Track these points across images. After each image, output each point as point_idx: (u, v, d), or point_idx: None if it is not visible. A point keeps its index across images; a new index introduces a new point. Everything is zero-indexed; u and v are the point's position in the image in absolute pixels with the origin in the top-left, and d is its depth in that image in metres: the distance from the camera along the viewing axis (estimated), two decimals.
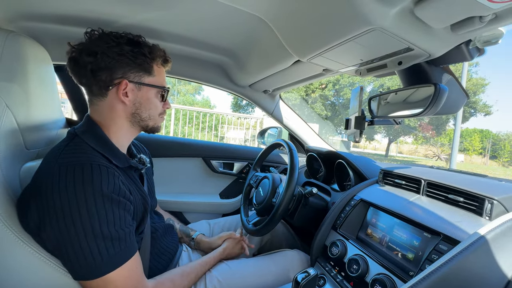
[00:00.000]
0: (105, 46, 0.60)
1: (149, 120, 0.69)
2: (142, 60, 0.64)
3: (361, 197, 0.87)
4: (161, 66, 0.70)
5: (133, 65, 0.63)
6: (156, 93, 0.69)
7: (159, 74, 0.69)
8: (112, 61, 0.60)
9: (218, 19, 0.83)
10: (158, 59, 0.68)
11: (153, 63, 0.67)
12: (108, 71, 0.61)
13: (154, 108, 0.69)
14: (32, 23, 0.87)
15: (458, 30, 0.49)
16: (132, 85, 0.64)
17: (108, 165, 0.57)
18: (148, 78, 0.66)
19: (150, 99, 0.67)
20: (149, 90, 0.67)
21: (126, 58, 0.62)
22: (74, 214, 0.49)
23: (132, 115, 0.66)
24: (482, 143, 31.56)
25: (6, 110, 0.57)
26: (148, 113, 0.68)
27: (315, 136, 1.58)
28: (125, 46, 0.62)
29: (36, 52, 0.69)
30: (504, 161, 29.21)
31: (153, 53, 0.66)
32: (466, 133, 33.37)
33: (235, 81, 1.35)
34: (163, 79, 0.71)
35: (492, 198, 0.60)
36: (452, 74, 0.69)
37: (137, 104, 0.66)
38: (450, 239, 0.58)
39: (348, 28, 0.55)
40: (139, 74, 0.65)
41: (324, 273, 0.80)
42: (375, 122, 0.86)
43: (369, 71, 0.77)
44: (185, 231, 0.99)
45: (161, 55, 0.69)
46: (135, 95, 0.65)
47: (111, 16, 0.84)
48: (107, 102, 0.64)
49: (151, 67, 0.66)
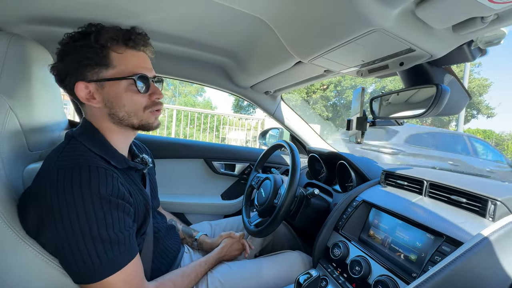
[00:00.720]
0: (61, 50, 0.56)
1: (130, 118, 0.60)
2: (91, 53, 0.55)
3: (363, 198, 0.87)
4: (125, 49, 0.58)
5: (85, 62, 0.55)
6: (127, 85, 0.58)
7: (123, 62, 0.57)
8: (66, 65, 0.56)
9: (219, 21, 0.83)
10: (113, 44, 0.56)
11: (106, 51, 0.56)
12: (68, 77, 0.57)
13: (130, 103, 0.59)
14: (35, 26, 0.88)
15: (460, 30, 0.49)
16: (94, 84, 0.57)
17: (107, 167, 0.56)
18: (107, 71, 0.56)
19: (120, 95, 0.58)
20: (114, 84, 0.57)
21: (76, 56, 0.55)
22: (72, 217, 0.49)
23: (110, 116, 0.60)
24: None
25: (10, 112, 0.58)
26: (124, 111, 0.59)
27: (316, 137, 1.58)
28: (76, 43, 0.55)
29: (39, 54, 0.69)
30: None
31: (101, 39, 0.54)
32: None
33: (236, 83, 1.35)
34: (133, 65, 0.58)
35: (495, 199, 0.60)
36: (454, 75, 0.68)
37: (109, 103, 0.58)
38: (453, 241, 0.57)
39: (350, 29, 0.55)
40: (95, 70, 0.56)
41: (326, 275, 0.80)
42: (376, 123, 0.86)
43: (370, 72, 0.77)
44: (187, 232, 0.98)
45: (114, 36, 0.56)
46: (101, 95, 0.58)
47: (113, 18, 0.84)
48: (87, 107, 0.61)
49: (105, 57, 0.56)
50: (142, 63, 0.61)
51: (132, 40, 0.58)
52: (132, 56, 0.59)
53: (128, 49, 0.59)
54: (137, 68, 0.59)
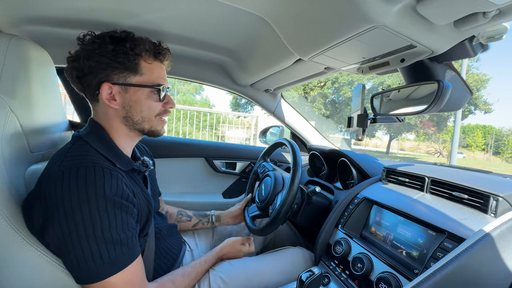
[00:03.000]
0: (88, 49, 0.58)
1: (143, 122, 0.64)
2: (123, 58, 0.59)
3: (365, 195, 0.87)
4: (154, 61, 0.63)
5: (115, 65, 0.59)
6: (149, 93, 0.63)
7: (150, 71, 0.63)
8: (93, 64, 0.58)
9: (219, 19, 0.83)
10: (146, 54, 0.61)
11: (138, 59, 0.61)
12: (91, 75, 0.58)
13: (147, 109, 0.63)
14: (34, 27, 0.87)
15: (461, 26, 0.48)
16: (118, 87, 0.60)
17: (112, 168, 0.56)
18: (135, 77, 0.61)
19: (140, 100, 0.62)
20: (138, 90, 0.62)
21: (106, 58, 0.58)
22: (77, 216, 0.49)
23: (125, 118, 0.63)
24: (485, 139, 31.46)
25: (10, 113, 0.57)
26: (140, 115, 0.63)
27: (317, 134, 1.58)
28: (108, 46, 0.58)
29: (39, 55, 0.69)
30: (508, 156, 29.05)
31: (136, 48, 0.59)
32: (469, 129, 33.21)
33: (236, 81, 1.35)
34: (157, 76, 0.64)
35: (497, 195, 0.60)
36: (455, 71, 0.68)
37: (127, 107, 0.62)
38: (455, 237, 0.57)
39: (350, 26, 0.54)
40: (124, 74, 0.60)
41: (329, 272, 0.80)
42: (377, 120, 0.86)
43: (371, 69, 0.77)
44: (200, 214, 1.04)
45: (148, 48, 0.62)
46: (123, 98, 0.61)
47: (113, 18, 0.84)
48: (101, 106, 0.63)
49: (137, 65, 0.61)
50: (163, 74, 0.66)
51: (161, 54, 0.64)
52: (157, 67, 0.65)
53: (156, 61, 0.64)
54: (159, 79, 0.64)
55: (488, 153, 30.85)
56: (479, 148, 30.80)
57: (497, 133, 31.68)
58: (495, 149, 30.81)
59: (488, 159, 29.08)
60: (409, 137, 24.56)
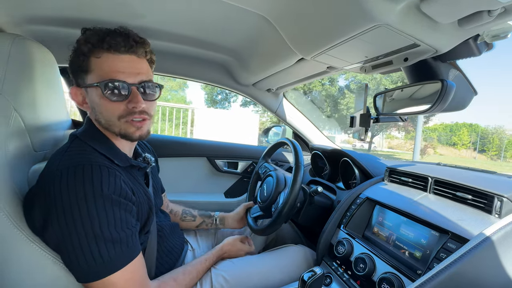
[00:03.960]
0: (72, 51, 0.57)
1: (110, 126, 0.59)
2: (75, 58, 0.56)
3: (367, 195, 0.87)
4: (103, 53, 0.54)
5: (73, 67, 0.57)
6: (100, 92, 0.55)
7: (99, 66, 0.54)
8: (70, 70, 0.58)
9: (221, 19, 0.83)
10: (93, 47, 0.54)
11: (87, 56, 0.54)
12: (71, 81, 0.60)
13: (105, 111, 0.57)
14: (38, 27, 0.88)
15: (466, 25, 0.48)
16: (82, 89, 0.59)
17: (110, 165, 0.56)
18: (86, 76, 0.57)
19: (97, 102, 0.57)
20: (93, 90, 0.57)
21: (71, 61, 0.57)
22: (75, 215, 0.49)
23: (97, 121, 0.61)
24: (471, 137, 31.49)
25: (14, 113, 0.58)
26: (103, 118, 0.58)
27: (319, 134, 1.58)
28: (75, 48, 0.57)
29: (42, 55, 0.69)
30: (492, 154, 28.99)
31: (86, 44, 0.54)
32: (456, 128, 33.10)
33: (238, 80, 1.35)
34: (107, 70, 0.54)
35: (502, 195, 0.59)
36: (459, 70, 0.67)
37: (93, 110, 0.59)
38: (459, 238, 0.57)
39: (353, 25, 0.54)
40: (80, 75, 0.57)
41: (331, 272, 0.80)
42: (380, 120, 0.85)
43: (374, 68, 0.76)
44: (205, 214, 1.03)
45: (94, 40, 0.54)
46: (89, 101, 0.59)
47: (115, 18, 0.84)
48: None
49: (85, 62, 0.55)
50: (120, 67, 0.55)
51: (106, 42, 0.53)
52: (109, 60, 0.55)
53: (107, 53, 0.54)
54: (111, 73, 0.54)
55: (471, 151, 30.77)
56: (465, 146, 30.75)
57: (483, 131, 31.61)
58: (481, 147, 30.74)
59: (474, 157, 28.96)
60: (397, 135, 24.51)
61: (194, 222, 1.01)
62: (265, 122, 15.96)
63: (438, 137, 32.28)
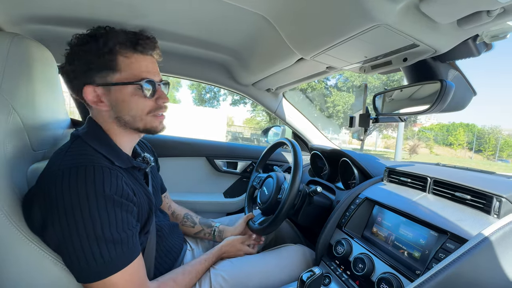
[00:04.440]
0: (71, 53, 0.57)
1: (135, 122, 0.61)
2: (99, 56, 0.55)
3: (366, 195, 0.87)
4: (133, 54, 0.57)
5: (92, 66, 0.56)
6: (133, 90, 0.58)
7: (130, 66, 0.57)
8: (76, 68, 0.56)
9: (221, 18, 0.83)
10: (121, 48, 0.56)
11: (114, 55, 0.56)
12: (77, 79, 0.58)
13: (135, 108, 0.59)
14: (36, 25, 0.88)
15: (465, 25, 0.48)
16: (101, 88, 0.57)
17: (111, 167, 0.56)
18: (114, 75, 0.56)
19: (126, 100, 0.58)
20: (121, 89, 0.57)
21: (85, 59, 0.55)
22: (77, 215, 0.49)
23: (117, 119, 0.60)
24: (467, 137, 31.52)
25: (13, 112, 0.58)
26: (129, 115, 0.60)
27: (319, 134, 1.58)
28: (86, 46, 0.56)
29: (41, 54, 0.69)
30: (489, 154, 29.02)
31: (109, 43, 0.55)
32: (453, 128, 33.10)
33: (238, 80, 1.35)
34: (139, 70, 0.58)
35: (501, 195, 0.59)
36: (458, 70, 0.67)
37: (115, 108, 0.59)
38: (458, 238, 0.57)
39: (352, 25, 0.54)
40: (102, 74, 0.56)
41: (330, 272, 0.80)
42: (380, 120, 0.85)
43: (373, 68, 0.76)
44: (206, 223, 1.00)
45: (122, 41, 0.56)
46: (108, 99, 0.58)
47: (114, 17, 0.84)
48: (94, 109, 0.62)
49: (112, 61, 0.56)
50: (149, 67, 0.60)
51: (140, 45, 0.58)
52: (139, 60, 0.58)
53: (136, 54, 0.58)
54: (143, 73, 0.59)
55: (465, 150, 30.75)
56: (461, 146, 30.76)
57: (479, 131, 31.61)
58: (477, 147, 30.75)
59: (470, 157, 28.96)
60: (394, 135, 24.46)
61: (193, 229, 0.99)
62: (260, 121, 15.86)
63: (434, 137, 32.33)
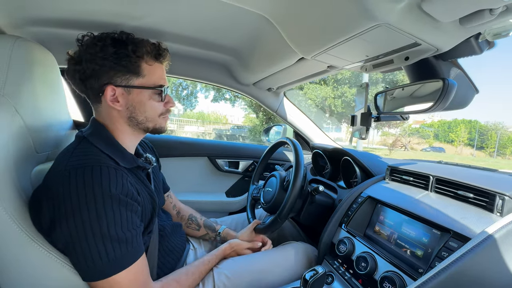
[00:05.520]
0: (90, 52, 0.58)
1: (147, 122, 0.66)
2: (126, 61, 0.60)
3: (368, 194, 0.87)
4: (154, 62, 0.64)
5: (118, 68, 0.59)
6: (151, 94, 0.64)
7: (151, 73, 0.64)
8: (96, 67, 0.58)
9: (221, 19, 0.82)
10: (147, 56, 0.62)
11: (140, 62, 0.62)
12: (94, 78, 0.59)
13: (150, 110, 0.65)
14: (38, 28, 0.88)
15: (467, 23, 0.48)
16: (121, 89, 0.61)
17: (116, 167, 0.57)
18: (137, 79, 0.62)
19: (143, 102, 0.63)
20: (140, 92, 0.63)
21: (109, 61, 0.59)
22: (84, 215, 0.50)
23: (129, 119, 0.64)
24: (470, 134, 30.93)
25: (16, 114, 0.58)
26: (144, 116, 0.64)
27: (320, 133, 1.58)
28: (110, 48, 0.59)
29: (43, 56, 0.69)
30: (491, 151, 28.59)
31: (138, 51, 0.61)
32: (455, 124, 32.60)
33: (239, 80, 1.35)
34: (158, 77, 0.65)
35: (503, 193, 0.59)
36: (460, 68, 0.67)
37: (131, 108, 0.63)
38: (461, 236, 0.57)
39: (353, 24, 0.54)
40: (126, 76, 0.61)
41: (332, 271, 0.80)
42: (381, 118, 0.85)
43: (375, 67, 0.76)
44: (210, 226, 1.00)
45: (149, 50, 0.63)
46: (126, 99, 0.62)
47: (115, 19, 0.84)
48: (103, 108, 0.64)
49: (139, 67, 0.62)
50: (163, 75, 0.67)
51: (162, 56, 0.65)
52: (157, 68, 0.65)
53: (157, 63, 0.65)
54: (160, 80, 0.65)
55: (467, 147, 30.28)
56: (463, 143, 30.29)
57: (482, 127, 31.03)
58: (480, 143, 30.26)
59: (471, 154, 28.56)
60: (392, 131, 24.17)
61: (198, 232, 0.99)
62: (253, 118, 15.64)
63: (435, 134, 32.00)
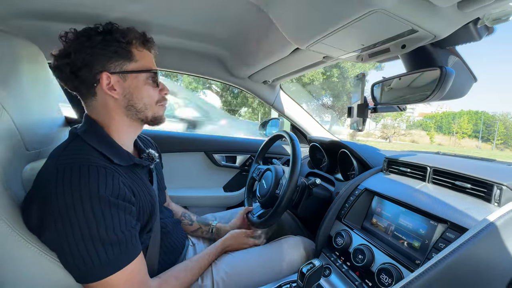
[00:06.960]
0: (77, 43, 0.58)
1: (146, 110, 0.65)
2: (116, 47, 0.59)
3: (366, 186, 0.86)
4: (143, 49, 0.65)
5: (109, 55, 0.59)
6: (146, 79, 0.64)
7: (143, 58, 0.64)
8: (86, 56, 0.57)
9: (213, 9, 0.80)
10: (135, 42, 0.63)
11: (130, 47, 0.62)
12: (86, 68, 0.58)
13: (147, 96, 0.64)
14: (23, 21, 0.85)
15: (466, 7, 0.46)
16: (116, 76, 0.60)
17: (108, 166, 0.55)
18: (130, 64, 0.62)
19: (140, 87, 0.63)
20: (136, 77, 0.62)
21: (99, 49, 0.58)
22: (71, 217, 0.48)
23: (127, 108, 0.63)
24: (476, 126, 30.42)
25: (3, 111, 0.56)
26: (142, 102, 0.64)
27: (317, 126, 1.56)
28: (96, 37, 0.58)
29: (29, 51, 0.67)
30: (497, 143, 28.29)
31: (127, 36, 0.61)
32: (459, 116, 32.17)
33: (233, 73, 1.33)
34: (149, 62, 0.65)
35: (501, 183, 0.58)
36: (459, 56, 0.65)
37: (128, 95, 0.62)
38: (458, 227, 0.56)
39: (348, 11, 0.52)
40: (119, 62, 0.60)
41: (330, 263, 0.80)
42: (378, 109, 0.84)
43: (371, 56, 0.74)
44: (203, 221, 1.00)
45: (137, 36, 0.63)
46: (122, 87, 0.61)
47: (102, 10, 0.81)
48: (99, 100, 0.62)
49: (130, 52, 0.62)
50: (153, 61, 0.68)
51: (149, 42, 0.66)
52: (147, 55, 0.66)
53: (145, 49, 0.65)
54: (152, 65, 0.66)
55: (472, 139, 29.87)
56: (466, 134, 29.91)
57: (489, 118, 30.50)
58: (486, 135, 29.93)
59: (477, 146, 28.29)
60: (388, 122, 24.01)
61: (191, 227, 0.99)
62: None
63: (438, 126, 31.67)
